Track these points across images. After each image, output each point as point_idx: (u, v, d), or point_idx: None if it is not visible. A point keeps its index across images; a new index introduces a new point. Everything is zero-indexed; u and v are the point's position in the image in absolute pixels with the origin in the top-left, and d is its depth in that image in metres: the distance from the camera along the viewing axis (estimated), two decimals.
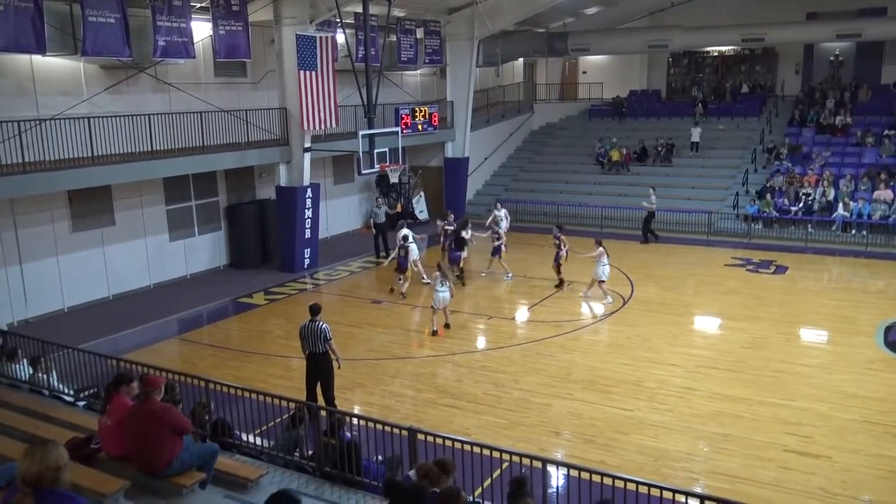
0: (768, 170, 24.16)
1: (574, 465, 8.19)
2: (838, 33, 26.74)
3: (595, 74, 33.50)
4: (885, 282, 17.53)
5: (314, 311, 10.23)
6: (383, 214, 20.79)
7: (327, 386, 10.27)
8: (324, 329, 10.06)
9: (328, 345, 10.10)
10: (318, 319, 10.15)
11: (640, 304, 15.96)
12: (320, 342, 10.07)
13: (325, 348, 10.12)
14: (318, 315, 10.20)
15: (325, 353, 10.15)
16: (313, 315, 10.18)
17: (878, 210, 20.96)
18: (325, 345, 10.09)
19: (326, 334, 10.06)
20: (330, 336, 10.10)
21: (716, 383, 11.63)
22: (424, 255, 18.69)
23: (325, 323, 10.15)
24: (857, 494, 8.42)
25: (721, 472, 8.97)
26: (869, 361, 12.48)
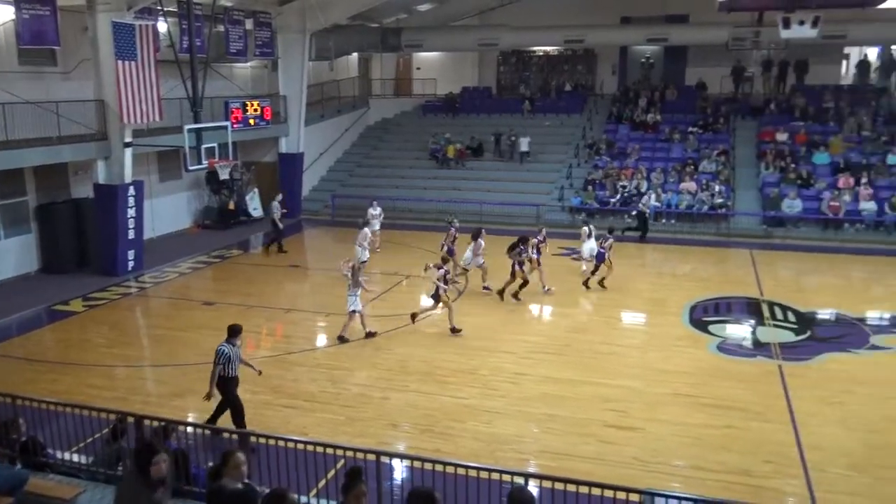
0: (590, 164, 25.75)
1: (410, 456, 8.38)
2: (648, 37, 28.98)
3: (429, 70, 34.08)
4: (691, 266, 19.27)
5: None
6: (278, 209, 20.35)
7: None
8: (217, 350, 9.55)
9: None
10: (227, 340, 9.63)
11: (476, 295, 16.49)
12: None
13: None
14: (232, 336, 9.69)
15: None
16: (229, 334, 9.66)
17: (684, 200, 22.99)
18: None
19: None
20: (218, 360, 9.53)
21: (544, 367, 12.28)
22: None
23: (224, 345, 9.58)
24: (667, 461, 9.22)
25: (548, 450, 9.51)
26: (677, 339, 13.68)
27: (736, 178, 24.32)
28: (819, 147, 24.41)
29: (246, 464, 5.74)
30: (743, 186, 23.93)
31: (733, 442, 9.65)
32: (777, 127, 25.68)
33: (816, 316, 15.03)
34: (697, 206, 22.86)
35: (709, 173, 24.16)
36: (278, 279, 18.23)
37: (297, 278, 18.70)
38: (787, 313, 15.14)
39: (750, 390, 11.28)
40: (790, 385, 11.49)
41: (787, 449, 9.50)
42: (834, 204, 21.79)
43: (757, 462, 9.17)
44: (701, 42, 28.90)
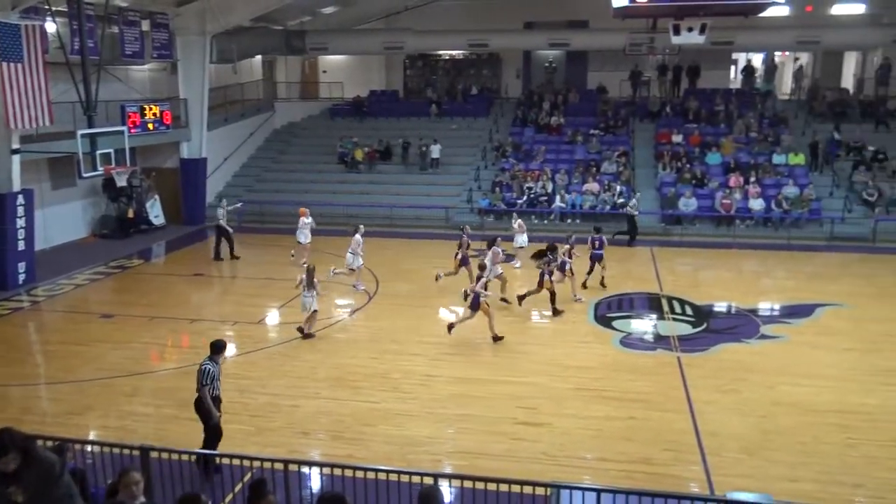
0: (497, 166, 26.18)
1: (320, 463, 8.36)
2: (550, 42, 29.75)
3: (335, 74, 33.87)
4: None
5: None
6: (225, 215, 19.63)
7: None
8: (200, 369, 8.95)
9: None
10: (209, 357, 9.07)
11: (385, 298, 16.49)
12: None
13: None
14: (215, 354, 9.11)
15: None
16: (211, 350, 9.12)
17: (587, 201, 23.71)
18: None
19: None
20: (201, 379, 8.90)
21: (455, 368, 12.41)
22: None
23: (207, 363, 9.01)
24: (574, 454, 9.52)
25: (460, 450, 9.63)
26: (583, 335, 14.11)
27: (636, 178, 25.25)
28: (711, 148, 25.66)
29: (142, 482, 5.55)
30: (642, 186, 24.87)
31: (635, 432, 10.04)
32: (673, 129, 26.82)
33: (711, 309, 15.80)
34: (600, 206, 23.60)
35: (610, 174, 24.99)
36: (182, 289, 17.70)
37: (203, 287, 18.19)
38: (684, 307, 15.85)
39: (651, 382, 11.76)
40: (688, 375, 12.04)
41: (685, 436, 9.96)
42: (726, 202, 22.95)
43: (657, 450, 9.58)
44: (600, 47, 29.92)
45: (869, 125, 26.29)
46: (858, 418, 10.46)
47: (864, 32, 29.20)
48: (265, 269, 18.74)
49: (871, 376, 12.00)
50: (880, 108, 26.93)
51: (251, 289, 17.46)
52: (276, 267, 18.93)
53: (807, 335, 13.96)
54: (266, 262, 19.36)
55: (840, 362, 12.66)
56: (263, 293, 17.03)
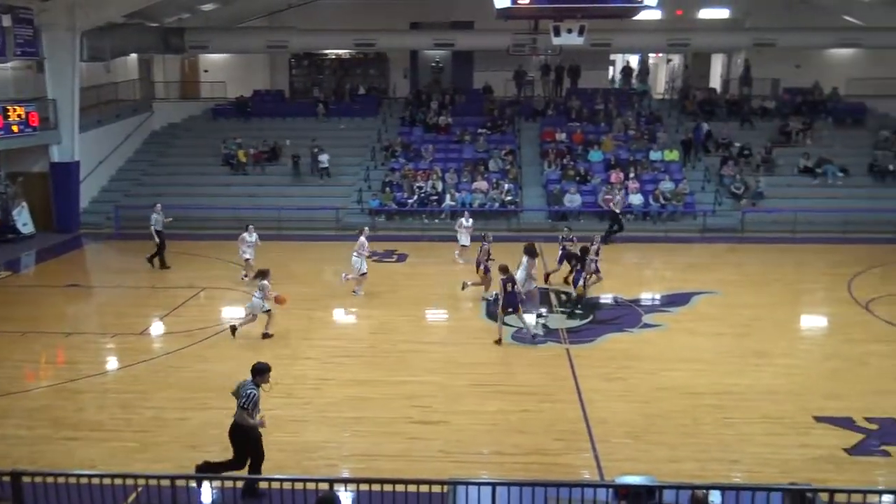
0: (387, 166, 26.14)
1: (210, 476, 8.07)
2: (436, 42, 30.02)
3: (217, 73, 32.82)
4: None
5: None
6: (158, 221, 18.37)
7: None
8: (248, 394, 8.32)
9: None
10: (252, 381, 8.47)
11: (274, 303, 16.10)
12: None
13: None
14: (258, 376, 8.50)
15: None
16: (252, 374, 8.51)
17: (477, 199, 24.06)
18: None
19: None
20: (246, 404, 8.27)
21: (349, 370, 12.30)
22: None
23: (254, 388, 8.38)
24: (470, 449, 9.64)
25: (356, 453, 9.57)
26: (476, 332, 14.31)
27: (523, 176, 25.85)
28: (593, 146, 26.61)
29: None
30: (529, 184, 25.51)
31: (528, 424, 10.29)
32: (557, 128, 27.64)
33: (597, 301, 16.39)
34: (489, 203, 24.02)
35: (498, 172, 25.47)
36: (56, 301, 16.64)
37: (78, 298, 17.18)
38: (572, 300, 16.37)
39: (542, 374, 12.09)
40: (577, 366, 12.45)
41: (576, 425, 10.30)
42: (608, 197, 23.83)
43: (550, 441, 9.85)
44: (485, 47, 30.45)
45: (735, 123, 28.04)
46: (732, 398, 11.14)
47: (729, 36, 31.18)
48: (148, 278, 17.93)
49: (742, 358, 12.81)
50: (744, 107, 28.79)
51: (133, 298, 16.65)
52: (160, 275, 18.17)
53: (684, 322, 14.73)
54: (149, 270, 18.51)
55: (715, 346, 13.44)
56: (147, 302, 16.29)
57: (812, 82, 29.69)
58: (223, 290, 16.97)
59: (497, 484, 6.60)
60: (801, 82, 29.89)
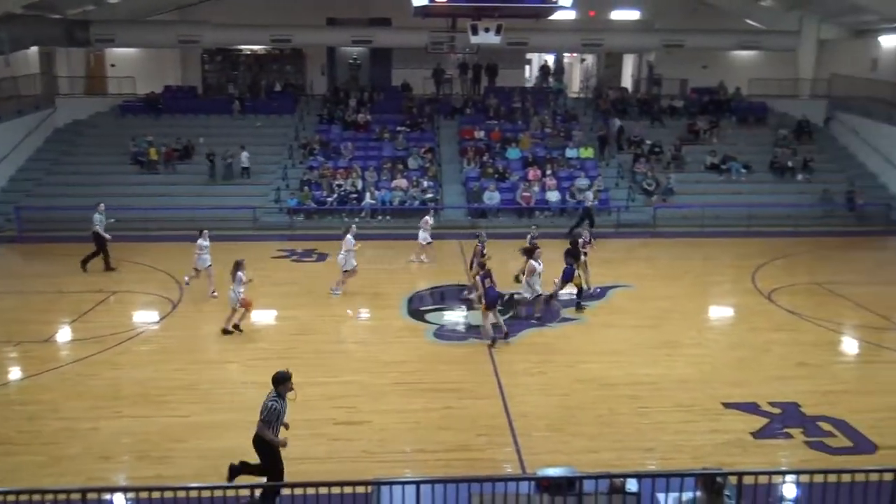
0: (305, 164, 25.80)
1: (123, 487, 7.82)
2: (354, 39, 29.82)
3: (125, 68, 31.58)
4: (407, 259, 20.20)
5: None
6: (100, 221, 17.57)
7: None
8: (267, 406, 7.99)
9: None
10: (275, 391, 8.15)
11: (192, 305, 15.71)
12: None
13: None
14: (279, 386, 8.16)
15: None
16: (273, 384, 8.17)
17: (396, 197, 24.05)
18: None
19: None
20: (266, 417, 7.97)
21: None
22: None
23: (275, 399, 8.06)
24: (394, 448, 9.66)
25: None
26: (398, 330, 14.32)
27: (442, 173, 25.98)
28: (511, 143, 26.99)
29: None
30: (448, 181, 25.66)
31: (451, 421, 10.38)
32: (475, 126, 27.92)
33: (518, 297, 16.61)
34: (409, 201, 24.04)
35: (417, 170, 25.52)
36: None
37: None
38: None
39: (464, 371, 12.20)
40: (498, 361, 12.63)
41: (498, 420, 10.45)
42: (526, 194, 24.27)
43: (473, 437, 9.97)
44: (403, 45, 30.44)
45: (646, 121, 28.99)
46: (647, 388, 11.54)
47: (640, 37, 32.18)
48: (54, 282, 17.12)
49: (655, 349, 13.28)
50: (654, 106, 29.79)
51: (39, 304, 15.84)
52: (66, 279, 17.36)
53: (601, 315, 15.15)
54: (54, 273, 17.70)
55: (630, 338, 13.88)
56: (53, 308, 15.54)
57: (717, 82, 31.00)
58: (134, 293, 16.40)
59: (421, 482, 6.64)
60: (708, 82, 31.19)
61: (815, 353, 13.11)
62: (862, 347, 13.84)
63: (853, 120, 28.44)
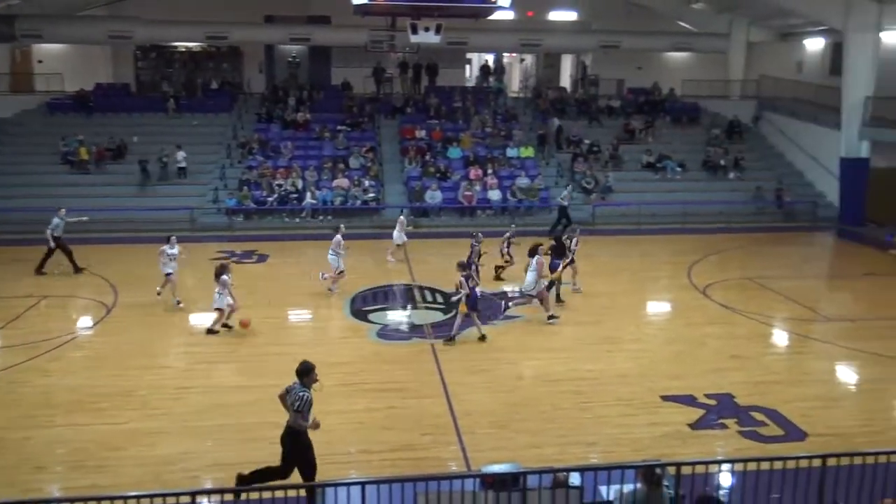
0: (244, 164, 25.37)
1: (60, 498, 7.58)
2: (291, 36, 29.43)
3: (53, 64, 30.42)
4: (350, 259, 20.01)
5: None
6: (59, 226, 16.92)
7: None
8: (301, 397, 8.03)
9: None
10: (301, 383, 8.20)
11: (127, 309, 15.29)
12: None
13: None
14: (305, 377, 8.23)
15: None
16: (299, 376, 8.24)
17: (338, 196, 23.88)
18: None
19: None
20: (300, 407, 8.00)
21: (209, 377, 11.89)
22: None
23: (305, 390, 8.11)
24: (338, 450, 9.55)
25: (219, 462, 9.24)
26: (340, 331, 14.25)
27: (384, 173, 25.90)
28: (452, 143, 27.09)
29: None
30: (390, 181, 25.60)
31: (396, 420, 10.37)
32: (416, 125, 27.92)
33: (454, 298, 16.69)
34: (351, 201, 23.90)
35: (359, 169, 25.38)
36: None
37: None
38: (435, 295, 16.63)
39: (407, 370, 12.21)
40: (442, 360, 12.68)
41: (442, 419, 10.49)
42: (467, 193, 24.41)
43: (417, 436, 9.98)
44: (343, 43, 30.20)
45: (584, 121, 29.47)
46: (588, 383, 11.76)
47: (577, 37, 32.68)
48: None
49: (596, 345, 13.54)
50: (592, 106, 30.32)
51: None
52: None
53: (543, 312, 15.31)
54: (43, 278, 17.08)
55: (571, 335, 14.12)
56: None
57: (652, 83, 31.74)
58: (66, 298, 15.87)
59: (366, 483, 6.62)
60: (643, 83, 31.89)
61: (747, 346, 13.57)
62: (791, 339, 14.39)
63: (780, 120, 29.50)
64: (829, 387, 12.12)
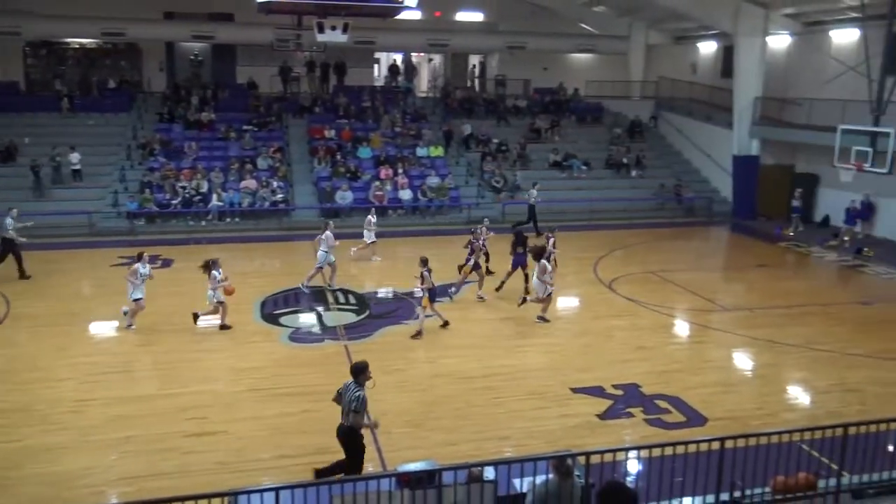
0: (145, 165, 24.46)
1: None
2: (194, 34, 28.63)
3: None
4: (260, 262, 19.73)
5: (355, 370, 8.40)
6: (12, 226, 16.04)
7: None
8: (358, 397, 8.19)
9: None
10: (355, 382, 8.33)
11: (21, 320, 14.48)
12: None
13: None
14: (360, 376, 8.32)
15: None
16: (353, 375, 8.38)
17: (245, 198, 23.36)
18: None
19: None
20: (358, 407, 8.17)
21: (113, 388, 11.40)
22: None
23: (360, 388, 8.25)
24: (251, 457, 9.38)
25: (126, 476, 8.89)
26: (251, 335, 13.92)
27: (292, 173, 25.51)
28: (362, 142, 26.96)
29: None
30: (299, 181, 25.24)
31: (310, 424, 10.23)
32: (325, 125, 27.64)
33: (373, 295, 16.68)
34: (259, 203, 23.43)
35: (267, 170, 24.91)
36: None
37: None
38: (348, 296, 16.52)
39: (320, 373, 12.06)
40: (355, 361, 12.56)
41: None
42: (378, 193, 24.35)
43: (333, 438, 9.72)
44: (247, 41, 29.63)
45: (492, 120, 29.91)
46: (501, 379, 11.94)
47: (484, 38, 33.15)
48: None
49: (508, 341, 13.78)
50: (500, 106, 30.80)
51: None
52: None
53: (456, 310, 15.47)
54: None
55: (484, 331, 14.31)
56: None
57: (557, 84, 32.52)
58: None
59: (280, 488, 6.50)
60: (549, 83, 32.64)
61: (652, 337, 14.11)
62: (692, 329, 15.05)
63: (677, 119, 30.80)
64: (728, 373, 12.75)
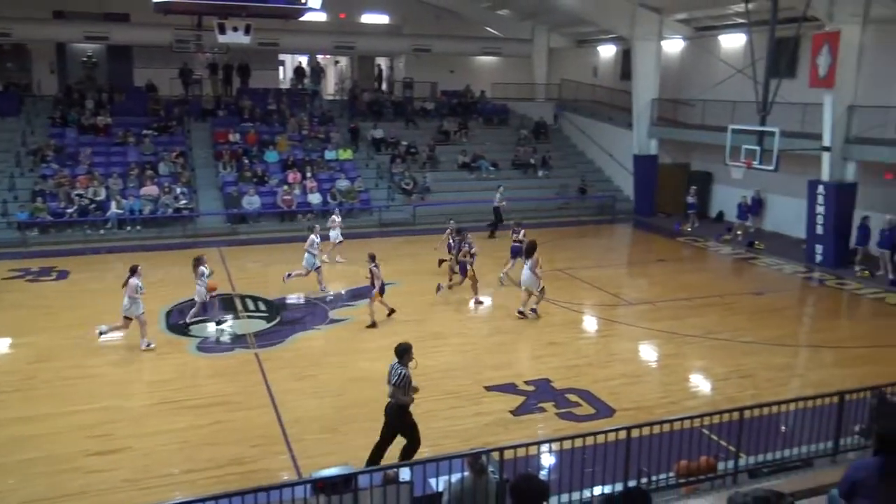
0: (36, 173, 23.23)
1: None
2: (87, 34, 27.44)
3: None
4: (164, 270, 19.00)
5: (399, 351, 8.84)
6: None
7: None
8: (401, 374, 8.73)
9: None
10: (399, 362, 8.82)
11: None
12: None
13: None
14: (404, 356, 8.84)
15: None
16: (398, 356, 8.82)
17: (147, 205, 22.53)
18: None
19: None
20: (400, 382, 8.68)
21: (8, 408, 10.80)
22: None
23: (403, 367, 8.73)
24: (159, 472, 9.07)
25: (29, 499, 8.45)
26: (158, 346, 13.44)
27: (196, 179, 24.80)
28: (269, 146, 26.49)
29: None
30: (204, 187, 24.56)
31: (221, 435, 10.00)
32: (229, 128, 26.99)
33: (283, 302, 16.42)
34: (161, 209, 22.65)
35: (169, 176, 24.11)
36: None
37: None
38: (258, 303, 16.22)
39: (232, 382, 11.81)
40: (267, 369, 12.38)
41: (270, 429, 10.25)
42: (287, 198, 23.98)
43: (246, 448, 9.69)
44: (145, 42, 28.60)
45: (401, 123, 29.96)
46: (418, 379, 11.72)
47: (389, 41, 33.17)
48: None
49: (424, 341, 13.74)
50: (408, 108, 30.90)
51: None
52: None
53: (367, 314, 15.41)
54: None
55: (398, 333, 14.19)
56: None
57: (464, 86, 32.90)
58: None
59: (191, 502, 6.34)
60: (456, 86, 32.98)
61: (561, 333, 14.50)
62: (599, 323, 15.55)
63: (580, 120, 31.71)
64: (633, 365, 13.24)
